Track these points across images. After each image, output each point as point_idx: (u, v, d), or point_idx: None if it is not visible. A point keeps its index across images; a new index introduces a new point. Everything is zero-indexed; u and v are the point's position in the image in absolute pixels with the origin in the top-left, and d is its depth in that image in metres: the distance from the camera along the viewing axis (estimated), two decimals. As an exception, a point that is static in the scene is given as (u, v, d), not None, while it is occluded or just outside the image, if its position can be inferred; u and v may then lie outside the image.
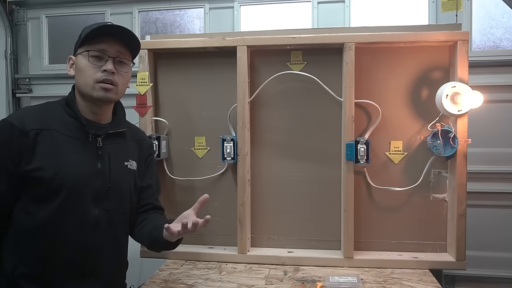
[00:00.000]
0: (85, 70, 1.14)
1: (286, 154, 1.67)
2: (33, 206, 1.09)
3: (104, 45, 1.14)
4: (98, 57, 1.14)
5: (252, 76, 1.66)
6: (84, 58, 1.14)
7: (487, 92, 1.88)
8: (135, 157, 1.28)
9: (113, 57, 1.15)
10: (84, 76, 1.14)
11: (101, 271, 1.17)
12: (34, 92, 2.74)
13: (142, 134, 1.39)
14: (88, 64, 1.13)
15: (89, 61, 1.13)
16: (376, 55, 1.61)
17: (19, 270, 1.09)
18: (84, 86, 1.14)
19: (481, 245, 2.20)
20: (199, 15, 2.57)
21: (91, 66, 1.13)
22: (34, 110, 1.18)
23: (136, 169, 1.28)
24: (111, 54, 1.15)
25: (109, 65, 1.14)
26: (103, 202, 1.16)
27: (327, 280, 1.36)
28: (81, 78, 1.15)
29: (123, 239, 1.26)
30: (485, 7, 2.29)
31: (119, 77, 1.17)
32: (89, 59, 1.13)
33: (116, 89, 1.17)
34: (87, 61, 1.13)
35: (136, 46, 1.23)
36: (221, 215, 1.69)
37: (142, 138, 1.36)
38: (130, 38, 1.19)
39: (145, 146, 1.35)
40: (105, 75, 1.13)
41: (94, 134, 1.16)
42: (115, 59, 1.16)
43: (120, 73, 1.17)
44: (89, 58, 1.13)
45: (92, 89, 1.13)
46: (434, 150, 1.54)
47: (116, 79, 1.15)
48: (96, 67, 1.14)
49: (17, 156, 1.07)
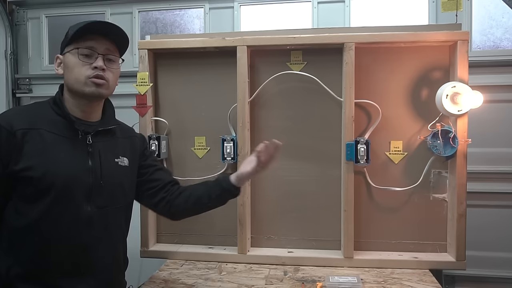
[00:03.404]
0: (75, 67, 1.13)
1: (286, 154, 1.67)
2: (25, 206, 1.09)
3: (92, 43, 1.14)
4: (88, 55, 1.14)
5: (252, 76, 1.66)
6: (73, 56, 1.14)
7: (487, 92, 1.88)
8: (127, 154, 1.28)
9: (103, 54, 1.15)
10: (74, 73, 1.13)
11: (96, 268, 1.17)
12: (34, 92, 2.74)
13: (132, 131, 1.39)
14: (78, 62, 1.13)
15: (79, 59, 1.13)
16: (376, 55, 1.61)
17: (13, 271, 1.09)
18: (75, 83, 1.14)
19: (481, 245, 2.20)
20: (199, 15, 2.57)
21: (81, 63, 1.13)
22: (21, 110, 1.18)
23: (128, 165, 1.27)
24: (100, 51, 1.15)
25: (99, 62, 1.14)
26: (96, 199, 1.16)
27: (327, 280, 1.36)
28: (71, 75, 1.14)
29: (117, 235, 1.26)
30: (485, 7, 2.29)
31: (109, 73, 1.17)
32: (79, 57, 1.13)
33: (108, 85, 1.17)
34: (76, 59, 1.13)
35: (124, 42, 1.23)
36: (221, 215, 1.68)
37: (132, 134, 1.36)
38: (118, 34, 1.19)
39: (137, 142, 1.35)
40: (96, 71, 1.13)
41: (83, 131, 1.16)
42: (104, 56, 1.16)
43: (110, 69, 1.17)
44: (78, 56, 1.13)
45: (84, 85, 1.13)
46: (434, 150, 1.54)
47: (106, 75, 1.16)
48: (86, 64, 1.13)
49: (6, 157, 1.06)
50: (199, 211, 1.37)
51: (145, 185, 1.34)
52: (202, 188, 1.34)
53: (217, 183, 1.32)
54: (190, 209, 1.35)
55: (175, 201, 1.32)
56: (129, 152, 1.29)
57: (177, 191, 1.34)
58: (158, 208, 1.36)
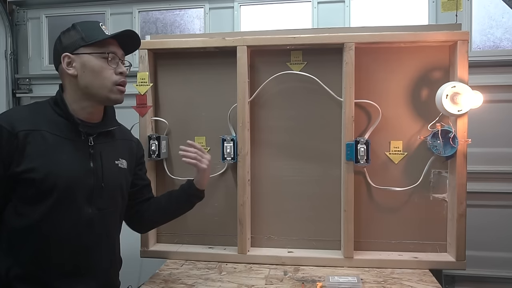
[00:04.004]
0: (101, 72, 1.14)
1: (286, 154, 1.67)
2: (26, 207, 1.09)
3: (114, 48, 1.17)
4: (112, 60, 1.16)
5: (252, 76, 1.66)
6: (97, 59, 1.14)
7: (487, 92, 1.88)
8: (125, 156, 1.29)
9: (121, 60, 1.19)
10: (101, 78, 1.14)
11: (95, 270, 1.18)
12: (34, 92, 2.74)
13: (129, 134, 1.40)
14: (105, 66, 1.15)
15: (108, 64, 1.15)
16: (376, 55, 1.61)
17: (13, 271, 1.09)
18: (100, 88, 1.15)
19: (481, 245, 2.20)
20: (199, 15, 2.57)
21: (108, 68, 1.15)
22: (22, 110, 1.18)
23: (126, 168, 1.28)
24: (120, 56, 1.19)
25: (123, 68, 1.18)
26: (97, 201, 1.16)
27: (327, 280, 1.36)
28: (96, 80, 1.14)
29: (115, 237, 1.27)
30: (485, 7, 2.29)
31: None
32: (108, 62, 1.15)
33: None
34: (104, 63, 1.15)
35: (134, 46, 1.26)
36: (221, 215, 1.69)
37: (130, 138, 1.37)
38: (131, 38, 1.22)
39: (134, 147, 1.37)
40: (121, 77, 1.17)
41: (85, 133, 1.16)
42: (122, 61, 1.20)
43: None
44: (108, 61, 1.15)
45: (110, 91, 1.16)
46: (434, 150, 1.54)
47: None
48: (111, 69, 1.16)
49: (7, 158, 1.06)
50: (168, 219, 1.47)
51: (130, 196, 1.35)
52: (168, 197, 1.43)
53: (182, 190, 1.42)
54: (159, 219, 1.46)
55: (145, 213, 1.39)
56: (127, 154, 1.31)
57: (146, 204, 1.40)
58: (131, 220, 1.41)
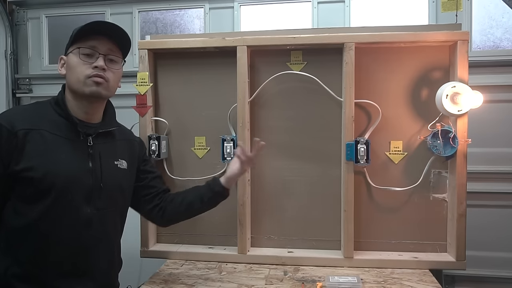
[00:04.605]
0: (76, 67, 1.14)
1: (286, 154, 1.67)
2: (24, 206, 1.09)
3: (95, 42, 1.15)
4: (89, 55, 1.15)
5: (252, 76, 1.66)
6: (75, 55, 1.14)
7: (487, 92, 1.88)
8: (125, 157, 1.29)
9: (104, 54, 1.16)
10: (75, 72, 1.14)
11: (93, 270, 1.18)
12: (34, 92, 2.74)
13: (130, 134, 1.40)
14: (79, 61, 1.14)
15: (80, 58, 1.13)
16: (376, 55, 1.61)
17: (11, 271, 1.09)
18: (75, 83, 1.14)
19: (481, 245, 2.20)
20: (199, 15, 2.57)
21: (82, 63, 1.14)
22: (22, 110, 1.18)
23: (126, 168, 1.28)
24: (102, 51, 1.16)
25: (100, 62, 1.14)
26: (95, 201, 1.16)
27: (327, 280, 1.36)
28: (72, 75, 1.14)
29: (114, 237, 1.27)
30: (485, 7, 2.29)
31: (109, 73, 1.17)
32: (80, 56, 1.13)
33: (107, 85, 1.17)
34: (78, 58, 1.14)
35: (127, 44, 1.23)
36: (221, 215, 1.69)
37: (131, 137, 1.37)
38: (120, 35, 1.20)
39: (136, 146, 1.36)
40: (96, 71, 1.14)
41: (84, 133, 1.16)
42: (106, 57, 1.16)
43: (111, 70, 1.18)
44: (80, 55, 1.14)
45: (84, 84, 1.13)
46: (434, 150, 1.54)
47: (107, 75, 1.16)
48: (86, 64, 1.14)
49: (7, 157, 1.06)
50: (191, 215, 1.44)
51: (143, 191, 1.36)
52: (193, 193, 1.40)
53: (208, 187, 1.38)
54: (183, 214, 1.41)
55: (168, 207, 1.37)
56: (127, 155, 1.30)
57: (169, 197, 1.38)
58: (152, 215, 1.39)
